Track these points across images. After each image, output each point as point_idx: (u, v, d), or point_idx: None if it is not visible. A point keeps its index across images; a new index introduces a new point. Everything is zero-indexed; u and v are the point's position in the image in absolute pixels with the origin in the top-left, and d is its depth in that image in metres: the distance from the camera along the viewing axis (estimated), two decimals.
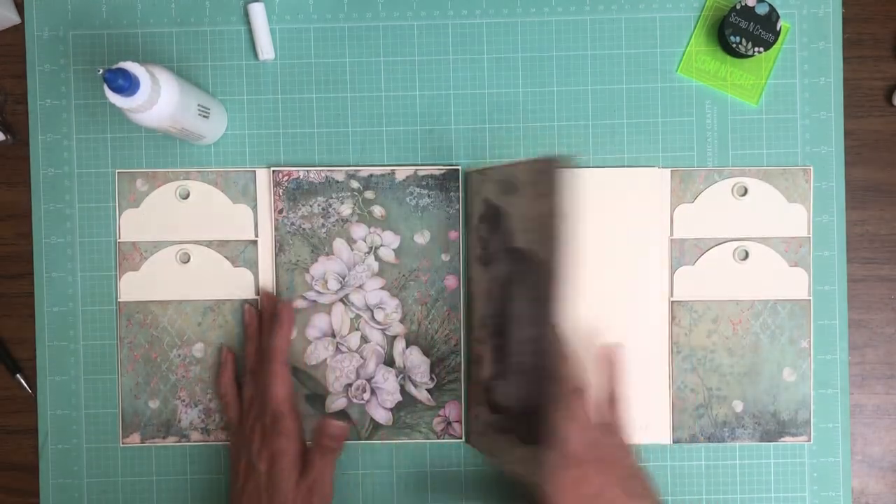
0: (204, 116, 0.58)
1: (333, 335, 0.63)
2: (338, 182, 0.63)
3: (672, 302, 0.63)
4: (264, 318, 0.62)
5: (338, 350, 0.63)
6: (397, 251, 0.63)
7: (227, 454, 0.62)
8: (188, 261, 0.63)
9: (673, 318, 0.63)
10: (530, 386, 0.54)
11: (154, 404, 0.63)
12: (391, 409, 0.63)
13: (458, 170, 0.63)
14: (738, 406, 0.62)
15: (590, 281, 0.62)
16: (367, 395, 0.63)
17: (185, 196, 0.63)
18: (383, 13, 0.63)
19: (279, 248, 0.63)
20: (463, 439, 0.63)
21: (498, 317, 0.58)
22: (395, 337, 0.63)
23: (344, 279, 0.63)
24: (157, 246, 0.63)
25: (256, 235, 0.63)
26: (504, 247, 0.57)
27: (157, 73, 0.52)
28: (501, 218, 0.58)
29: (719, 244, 0.63)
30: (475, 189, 0.62)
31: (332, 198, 0.63)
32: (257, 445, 0.57)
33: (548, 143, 0.63)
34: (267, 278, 0.63)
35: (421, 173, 0.63)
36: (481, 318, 0.61)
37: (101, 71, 0.49)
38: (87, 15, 0.63)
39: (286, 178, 0.63)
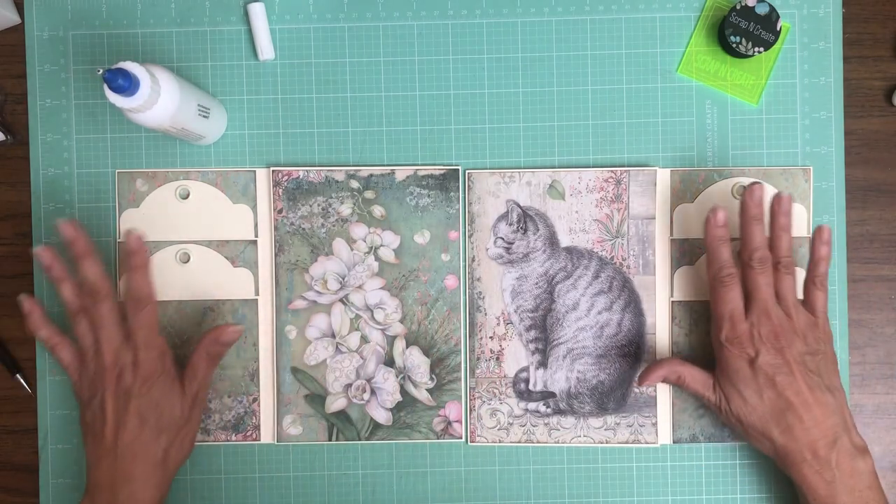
0: (204, 116, 0.58)
1: (333, 335, 0.63)
2: (338, 182, 0.63)
3: (672, 302, 0.63)
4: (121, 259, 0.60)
5: (338, 350, 0.63)
6: (397, 251, 0.63)
7: (77, 400, 0.59)
8: (188, 261, 0.63)
9: (673, 318, 0.63)
10: (606, 364, 0.62)
11: None
12: (391, 409, 0.63)
13: (458, 170, 0.63)
14: None
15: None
16: (366, 396, 0.63)
17: (185, 196, 0.63)
18: (383, 13, 0.63)
19: (279, 248, 0.63)
20: (463, 439, 0.63)
21: (537, 310, 0.62)
22: (395, 337, 0.63)
23: (344, 279, 0.63)
24: (157, 246, 0.63)
25: (256, 235, 0.63)
26: (547, 246, 0.61)
27: (157, 73, 0.52)
28: (536, 220, 0.61)
29: None
30: (489, 190, 0.62)
31: (331, 198, 0.63)
32: (129, 375, 0.56)
33: (548, 143, 0.63)
34: (266, 278, 0.63)
35: (421, 173, 0.63)
36: (507, 316, 0.62)
37: (101, 71, 0.49)
38: (87, 15, 0.63)
39: (286, 178, 0.63)
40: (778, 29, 0.60)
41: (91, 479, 0.56)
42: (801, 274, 0.62)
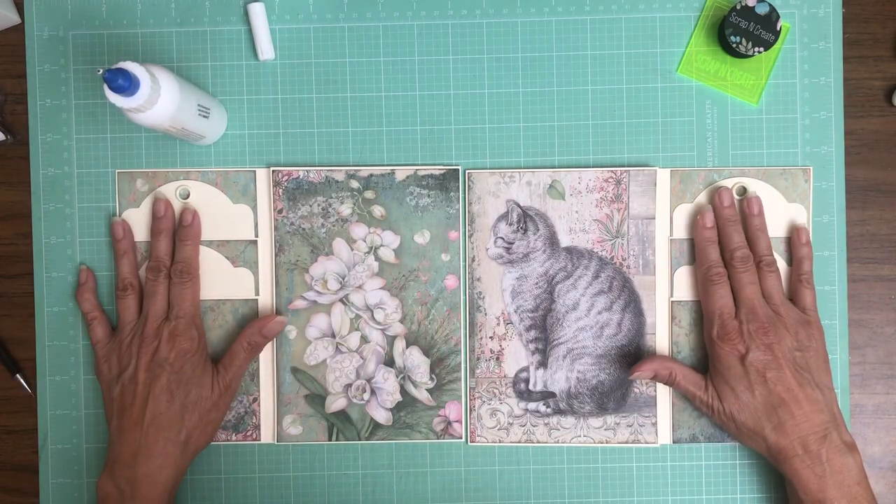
0: (204, 116, 0.58)
1: (333, 335, 0.63)
2: (338, 182, 0.63)
3: (672, 302, 0.63)
4: (162, 228, 0.61)
5: (338, 350, 0.63)
6: (397, 251, 0.63)
7: (98, 377, 0.61)
8: None
9: (673, 318, 0.63)
10: (605, 364, 0.62)
11: None
12: (391, 409, 0.63)
13: (458, 170, 0.63)
14: None
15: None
16: (366, 396, 0.63)
17: (185, 196, 0.63)
18: (383, 13, 0.63)
19: (279, 248, 0.63)
20: (463, 439, 0.63)
21: (537, 310, 0.62)
22: (395, 337, 0.63)
23: (344, 279, 0.63)
24: None
25: (256, 235, 0.63)
26: (548, 246, 0.61)
27: (157, 72, 0.52)
28: (536, 220, 0.61)
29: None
30: (490, 190, 0.62)
31: (331, 198, 0.63)
32: (165, 348, 0.58)
33: (548, 143, 0.63)
34: (266, 278, 0.63)
35: (421, 173, 0.63)
36: (507, 316, 0.62)
37: (101, 71, 0.49)
38: (87, 15, 0.63)
39: (286, 177, 0.63)
40: (778, 29, 0.60)
41: (112, 453, 0.57)
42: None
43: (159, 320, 0.59)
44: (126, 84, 0.49)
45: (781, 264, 0.62)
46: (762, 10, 0.60)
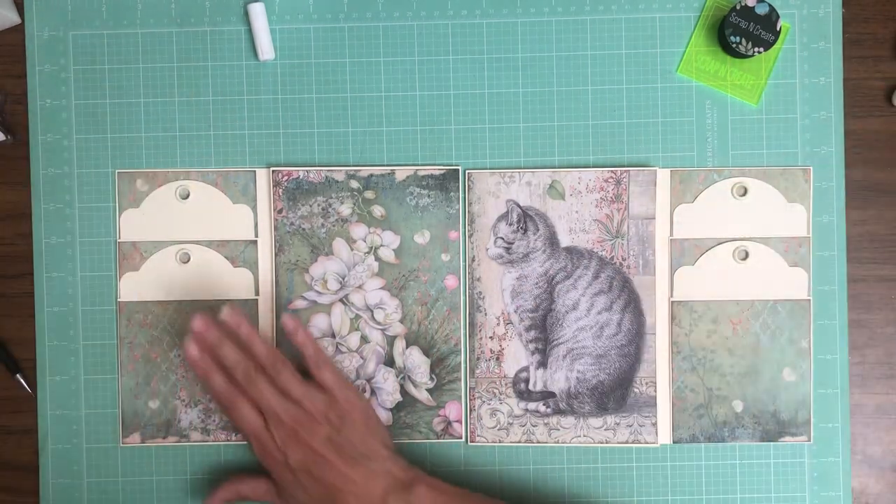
0: None
1: (333, 335, 0.63)
2: (338, 182, 0.63)
3: (672, 302, 0.63)
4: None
5: (338, 350, 0.63)
6: (397, 251, 0.63)
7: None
8: (188, 261, 0.63)
9: (673, 318, 0.63)
10: (605, 364, 0.62)
11: (154, 404, 0.63)
12: (391, 409, 0.63)
13: (458, 170, 0.63)
14: (738, 406, 0.62)
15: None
16: (366, 395, 0.63)
17: (185, 196, 0.63)
18: (383, 13, 0.63)
19: (279, 248, 0.63)
20: (463, 439, 0.63)
21: (537, 310, 0.61)
22: (395, 337, 0.63)
23: (344, 279, 0.63)
24: (157, 246, 0.63)
25: (256, 235, 0.63)
26: (548, 246, 0.61)
27: None
28: (536, 220, 0.61)
29: (719, 244, 0.63)
30: (490, 190, 0.62)
31: (331, 198, 0.63)
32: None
33: (548, 143, 0.63)
34: (266, 278, 0.63)
35: (421, 173, 0.63)
36: (507, 316, 0.62)
37: None
38: (87, 15, 0.63)
39: (286, 178, 0.63)
40: (778, 29, 0.60)
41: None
42: (801, 273, 0.62)
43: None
44: None
45: (781, 263, 0.62)
46: (762, 10, 0.60)
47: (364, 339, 0.63)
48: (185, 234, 0.63)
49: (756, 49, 0.60)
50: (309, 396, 0.57)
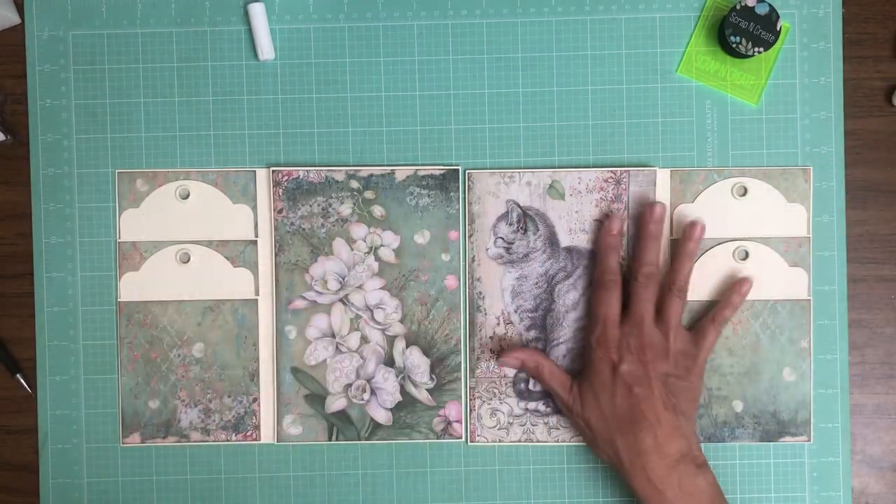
0: None
1: (333, 335, 0.63)
2: (338, 182, 0.63)
3: None
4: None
5: (338, 350, 0.63)
6: (397, 251, 0.63)
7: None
8: (188, 261, 0.63)
9: None
10: None
11: (154, 404, 0.63)
12: (391, 410, 0.63)
13: (458, 170, 0.63)
14: (738, 406, 0.62)
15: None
16: (366, 396, 0.63)
17: (185, 196, 0.63)
18: (383, 13, 0.63)
19: (279, 248, 0.63)
20: (463, 439, 0.63)
21: (537, 310, 0.62)
22: (395, 337, 0.63)
23: (344, 279, 0.63)
24: (157, 246, 0.63)
25: (256, 235, 0.63)
26: (548, 246, 0.61)
27: None
28: (536, 220, 0.61)
29: (719, 244, 0.63)
30: (489, 190, 0.62)
31: (331, 198, 0.63)
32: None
33: (548, 143, 0.63)
34: (266, 278, 0.63)
35: (421, 173, 0.63)
36: (507, 316, 0.62)
37: None
38: (87, 15, 0.63)
39: (286, 177, 0.63)
40: (778, 29, 0.60)
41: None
42: (801, 273, 0.62)
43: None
44: None
45: (781, 263, 0.62)
46: (762, 10, 0.60)
47: (364, 339, 0.63)
48: (185, 234, 0.63)
49: (756, 49, 0.60)
50: (680, 336, 0.58)
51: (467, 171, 0.63)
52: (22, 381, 0.63)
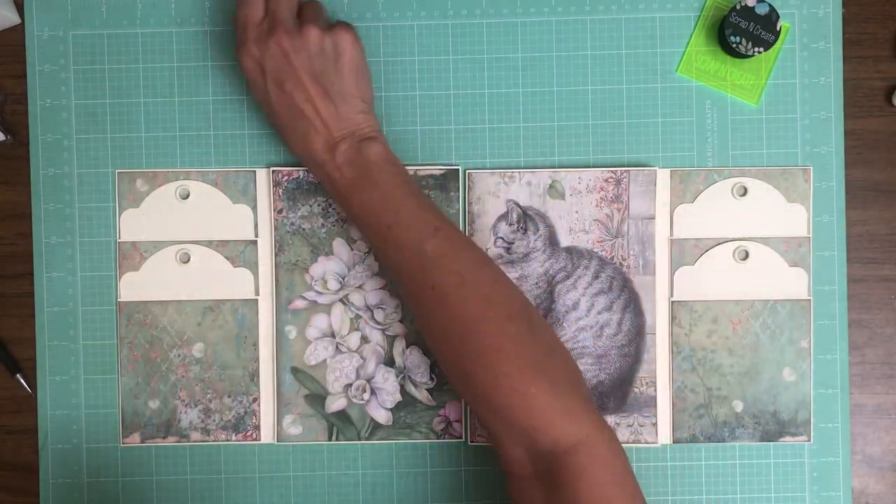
0: None
1: (333, 335, 0.63)
2: None
3: (672, 302, 0.63)
4: None
5: (337, 350, 0.63)
6: None
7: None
8: (188, 261, 0.63)
9: (673, 318, 0.63)
10: (605, 364, 0.62)
11: (154, 404, 0.63)
12: (391, 409, 0.63)
13: (457, 170, 0.63)
14: (739, 406, 0.62)
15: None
16: (366, 395, 0.63)
17: (185, 196, 0.63)
18: (383, 13, 0.63)
19: (279, 248, 0.63)
20: (463, 439, 0.63)
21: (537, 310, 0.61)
22: (395, 337, 0.63)
23: (344, 279, 0.63)
24: (157, 246, 0.63)
25: (256, 235, 0.63)
26: (548, 246, 0.61)
27: None
28: (536, 220, 0.61)
29: (719, 244, 0.63)
30: (489, 190, 0.62)
31: (331, 198, 0.63)
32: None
33: (548, 143, 0.63)
34: (266, 278, 0.63)
35: (421, 173, 0.63)
36: None
37: None
38: (87, 15, 0.63)
39: (286, 177, 0.63)
40: (778, 29, 0.60)
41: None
42: (801, 273, 0.62)
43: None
44: None
45: (781, 263, 0.62)
46: (762, 10, 0.60)
47: (364, 339, 0.63)
48: (185, 234, 0.63)
49: (756, 49, 0.61)
50: (316, 22, 0.56)
51: (467, 171, 0.63)
52: (22, 381, 0.63)
